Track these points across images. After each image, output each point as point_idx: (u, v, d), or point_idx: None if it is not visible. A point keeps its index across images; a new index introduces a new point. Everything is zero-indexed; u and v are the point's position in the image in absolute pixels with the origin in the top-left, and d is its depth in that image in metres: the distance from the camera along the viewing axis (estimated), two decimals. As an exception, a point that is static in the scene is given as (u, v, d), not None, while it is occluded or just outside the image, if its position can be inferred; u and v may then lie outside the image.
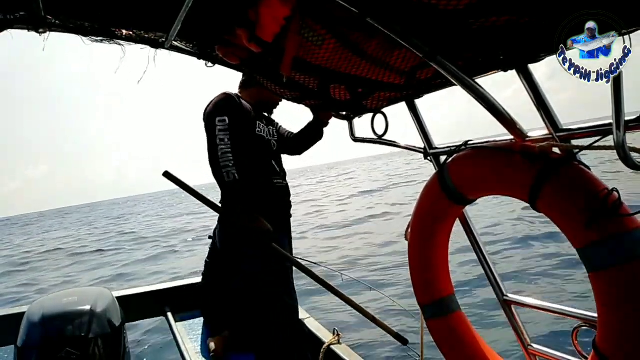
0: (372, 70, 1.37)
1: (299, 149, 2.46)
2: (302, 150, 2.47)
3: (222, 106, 2.04)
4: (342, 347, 2.18)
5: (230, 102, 2.07)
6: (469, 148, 1.31)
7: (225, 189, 1.91)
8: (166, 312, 2.87)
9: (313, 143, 2.44)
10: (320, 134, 2.38)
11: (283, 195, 2.19)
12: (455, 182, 1.30)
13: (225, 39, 1.44)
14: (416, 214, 1.51)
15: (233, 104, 2.08)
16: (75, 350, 1.55)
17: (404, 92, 1.53)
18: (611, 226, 0.91)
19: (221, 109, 2.02)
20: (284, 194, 2.20)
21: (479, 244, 1.55)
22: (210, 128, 1.98)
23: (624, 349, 0.92)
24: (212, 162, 1.94)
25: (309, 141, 2.43)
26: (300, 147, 2.45)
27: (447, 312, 1.50)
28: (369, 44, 1.23)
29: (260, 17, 1.21)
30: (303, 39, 1.27)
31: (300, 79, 1.58)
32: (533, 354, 1.40)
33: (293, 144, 2.44)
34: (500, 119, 1.11)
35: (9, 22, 1.13)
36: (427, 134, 1.59)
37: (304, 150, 2.47)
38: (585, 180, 0.99)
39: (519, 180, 1.09)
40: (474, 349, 1.46)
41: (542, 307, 1.34)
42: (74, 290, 1.90)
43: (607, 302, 0.94)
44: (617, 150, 0.87)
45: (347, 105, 1.79)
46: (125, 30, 1.34)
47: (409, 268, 1.56)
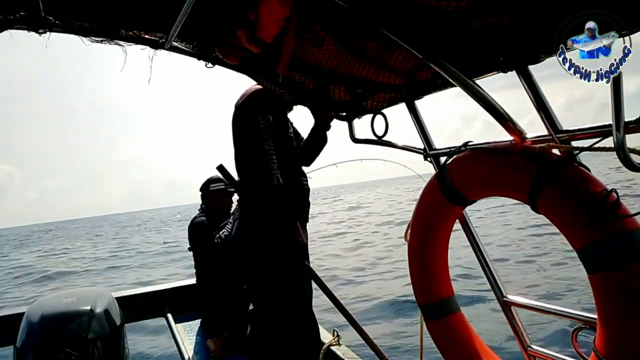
0: (372, 71, 1.37)
1: (309, 159, 2.31)
2: (311, 160, 2.31)
3: (265, 102, 1.90)
4: (341, 348, 2.18)
5: (272, 100, 1.91)
6: (468, 149, 1.31)
7: (270, 192, 1.79)
8: (166, 313, 2.87)
9: (320, 150, 2.29)
10: (325, 139, 2.25)
11: (307, 198, 2.14)
12: (455, 183, 1.30)
13: (225, 40, 1.44)
14: (416, 215, 1.51)
15: (274, 102, 1.93)
16: (75, 350, 1.54)
17: (403, 93, 1.53)
18: (610, 227, 0.91)
19: (264, 105, 1.88)
20: (308, 194, 2.15)
21: (479, 245, 1.54)
22: (252, 126, 1.83)
23: (623, 350, 0.92)
24: (255, 163, 1.81)
25: (316, 148, 2.28)
26: (310, 156, 2.30)
27: (446, 313, 1.50)
28: (369, 45, 1.23)
29: (259, 18, 1.21)
30: (302, 39, 1.27)
31: (300, 79, 1.57)
32: (533, 355, 1.40)
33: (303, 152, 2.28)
34: (499, 120, 1.11)
35: (9, 22, 1.13)
36: (427, 134, 1.59)
37: (313, 159, 2.31)
38: (584, 182, 0.98)
39: (518, 181, 1.09)
40: (473, 350, 1.45)
41: (541, 309, 1.34)
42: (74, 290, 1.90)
43: (607, 303, 0.94)
44: (616, 152, 0.87)
45: (346, 106, 1.78)
46: (125, 31, 1.34)
47: (409, 269, 1.56)
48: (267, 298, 2.04)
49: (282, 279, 1.97)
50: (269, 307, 2.04)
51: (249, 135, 1.86)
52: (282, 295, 1.99)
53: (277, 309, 2.01)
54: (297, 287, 2.00)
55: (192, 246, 2.86)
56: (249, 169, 1.90)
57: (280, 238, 1.87)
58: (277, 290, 1.99)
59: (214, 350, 2.48)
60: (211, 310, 2.67)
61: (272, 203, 1.83)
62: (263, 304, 2.07)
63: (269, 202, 1.84)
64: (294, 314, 2.01)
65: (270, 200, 1.83)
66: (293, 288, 1.99)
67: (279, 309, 2.00)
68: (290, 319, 2.01)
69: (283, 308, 2.00)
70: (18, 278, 12.07)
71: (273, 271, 1.97)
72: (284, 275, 1.96)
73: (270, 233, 1.89)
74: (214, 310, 2.66)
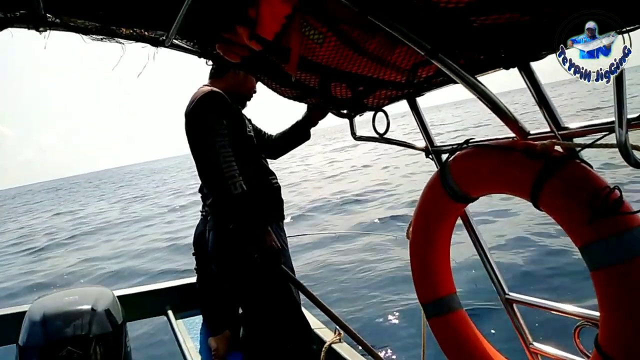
0: (373, 68, 1.37)
1: (280, 151, 2.28)
2: (281, 153, 2.29)
3: (216, 107, 1.81)
4: (343, 346, 2.18)
5: (223, 102, 1.84)
6: (470, 146, 1.31)
7: (232, 202, 1.73)
8: (167, 311, 2.87)
9: (298, 144, 2.28)
10: (308, 135, 2.23)
11: (279, 194, 2.11)
12: (456, 180, 1.30)
13: (225, 37, 1.43)
14: (418, 213, 1.51)
15: (226, 104, 1.86)
16: (77, 349, 1.55)
17: (405, 90, 1.52)
18: (613, 224, 0.91)
19: (216, 110, 1.80)
20: (280, 192, 2.12)
21: (481, 243, 1.54)
22: (205, 133, 1.75)
23: (626, 347, 0.91)
24: (212, 172, 1.74)
25: (294, 142, 2.26)
26: (282, 149, 2.28)
27: (448, 310, 1.50)
28: (370, 42, 1.23)
29: (260, 15, 1.20)
30: (304, 37, 1.27)
31: (301, 77, 1.57)
32: (535, 353, 1.40)
33: (275, 145, 2.26)
34: (502, 117, 1.10)
35: (9, 20, 1.13)
36: (429, 132, 1.59)
37: (285, 152, 2.30)
38: (587, 179, 0.98)
39: (520, 178, 1.08)
40: (475, 347, 1.45)
41: (543, 306, 1.34)
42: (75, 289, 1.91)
43: (609, 301, 0.94)
44: (619, 149, 0.87)
45: (348, 104, 1.78)
46: (126, 29, 1.34)
47: (411, 266, 1.56)
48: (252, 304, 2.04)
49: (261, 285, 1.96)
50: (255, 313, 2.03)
51: (202, 143, 1.78)
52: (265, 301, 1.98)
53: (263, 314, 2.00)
54: (280, 290, 1.98)
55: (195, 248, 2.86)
56: (209, 178, 1.83)
57: (250, 245, 1.83)
58: (260, 296, 1.99)
59: (216, 348, 2.48)
60: (213, 308, 2.68)
61: (237, 211, 1.78)
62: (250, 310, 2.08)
63: (234, 211, 1.79)
64: (281, 318, 2.00)
65: (235, 209, 1.78)
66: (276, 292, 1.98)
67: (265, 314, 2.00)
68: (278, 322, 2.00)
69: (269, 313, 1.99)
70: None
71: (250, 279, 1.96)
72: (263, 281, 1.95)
73: (240, 242, 1.86)
74: (216, 309, 2.66)
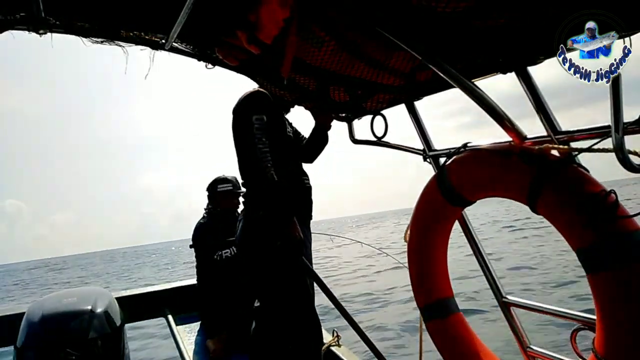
0: (372, 72, 1.38)
1: (311, 156, 2.42)
2: (314, 158, 2.43)
3: (258, 103, 1.96)
4: (341, 349, 2.18)
5: (266, 100, 1.99)
6: (468, 150, 1.31)
7: (264, 188, 1.85)
8: (166, 313, 2.87)
9: (321, 148, 2.40)
10: (326, 139, 2.34)
11: (310, 196, 2.20)
12: (454, 183, 1.31)
13: (225, 41, 1.44)
14: (415, 216, 1.51)
15: (268, 102, 2.00)
16: (75, 350, 1.55)
17: (403, 94, 1.53)
18: (609, 228, 0.92)
19: (258, 106, 1.94)
20: (310, 193, 2.21)
21: (478, 246, 1.54)
22: (245, 125, 1.89)
23: (622, 350, 0.92)
24: (248, 160, 1.89)
25: (318, 147, 2.38)
26: (312, 154, 2.42)
27: (446, 314, 1.50)
28: (369, 46, 1.24)
29: (259, 19, 1.21)
30: (302, 41, 1.27)
31: (300, 80, 1.58)
32: (532, 356, 1.40)
33: (304, 149, 2.39)
34: (498, 121, 1.11)
35: (10, 23, 1.13)
36: (427, 135, 1.59)
37: (315, 157, 2.43)
38: (583, 182, 0.99)
39: (517, 182, 1.09)
40: (472, 350, 1.45)
41: (540, 309, 1.34)
42: (74, 290, 1.90)
43: (606, 304, 0.94)
44: (615, 153, 0.87)
45: (346, 107, 1.79)
46: (126, 32, 1.34)
47: (408, 270, 1.56)
48: (268, 295, 2.06)
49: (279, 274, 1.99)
50: (270, 304, 2.06)
51: (243, 136, 1.92)
52: (282, 292, 2.00)
53: (278, 306, 2.02)
54: (297, 283, 2.01)
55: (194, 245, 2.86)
56: (246, 169, 1.95)
57: (274, 232, 1.90)
58: (277, 286, 2.01)
59: (214, 350, 2.48)
60: (211, 310, 2.67)
61: (266, 198, 1.89)
62: (266, 302, 2.09)
63: (263, 197, 1.90)
64: (295, 312, 2.02)
65: (264, 196, 1.89)
66: (293, 284, 2.00)
67: (280, 306, 2.01)
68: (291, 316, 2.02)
69: (284, 305, 2.01)
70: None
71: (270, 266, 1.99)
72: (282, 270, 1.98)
73: (266, 228, 1.93)
74: (214, 310, 2.66)
